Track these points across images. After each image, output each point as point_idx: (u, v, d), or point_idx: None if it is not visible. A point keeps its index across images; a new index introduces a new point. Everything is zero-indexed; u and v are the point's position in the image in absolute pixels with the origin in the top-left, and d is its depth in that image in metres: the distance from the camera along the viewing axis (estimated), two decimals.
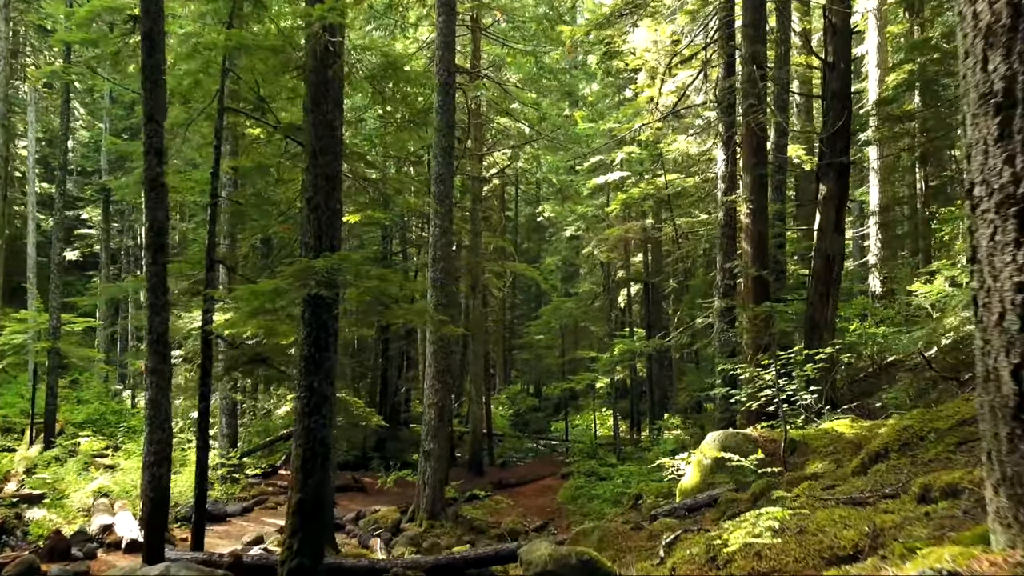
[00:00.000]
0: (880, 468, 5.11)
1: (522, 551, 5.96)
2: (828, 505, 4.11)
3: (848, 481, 5.08)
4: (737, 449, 8.33)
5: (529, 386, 39.25)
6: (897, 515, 3.29)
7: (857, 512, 3.65)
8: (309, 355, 6.81)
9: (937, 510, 3.24)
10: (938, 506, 3.30)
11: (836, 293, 12.22)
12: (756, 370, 8.62)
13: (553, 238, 36.77)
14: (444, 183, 14.27)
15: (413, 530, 13.75)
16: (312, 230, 6.89)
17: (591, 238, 25.51)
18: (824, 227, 12.13)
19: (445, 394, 14.30)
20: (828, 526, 3.41)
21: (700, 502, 7.72)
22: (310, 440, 6.72)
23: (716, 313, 12.81)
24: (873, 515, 3.42)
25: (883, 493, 4.17)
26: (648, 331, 24.74)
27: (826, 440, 8.10)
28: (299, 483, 6.67)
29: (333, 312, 6.88)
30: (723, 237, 13.25)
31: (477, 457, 21.25)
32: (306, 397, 6.78)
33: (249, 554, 9.84)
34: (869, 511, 3.66)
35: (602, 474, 18.67)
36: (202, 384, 8.94)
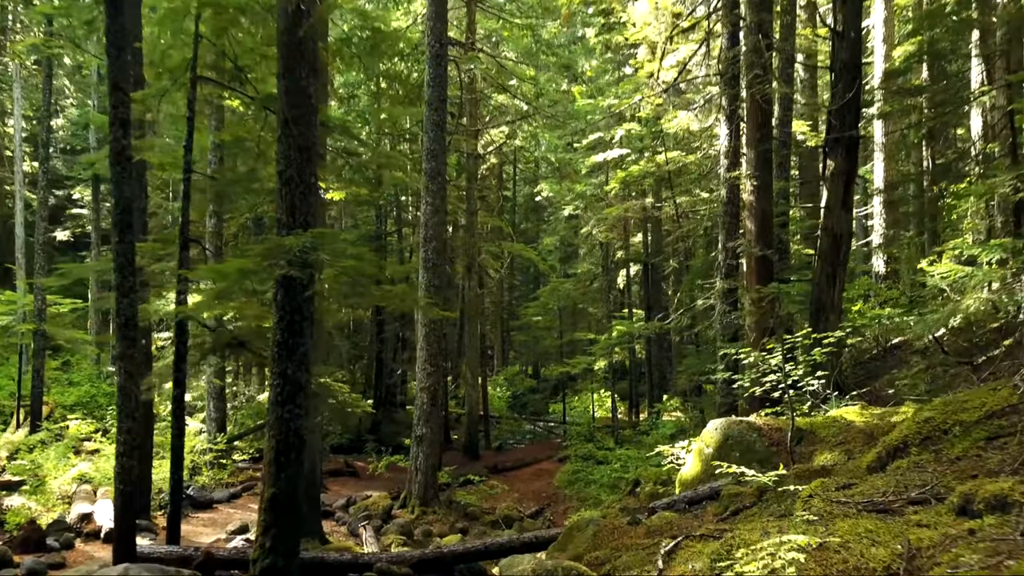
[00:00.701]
0: (901, 465, 4.65)
1: (503, 564, 5.53)
2: (847, 511, 3.65)
3: (865, 480, 4.63)
4: (740, 437, 7.90)
5: (527, 367, 38.88)
6: (934, 531, 2.84)
7: (884, 523, 3.20)
8: (282, 340, 6.34)
9: (983, 527, 2.79)
10: (983, 521, 2.85)
11: (843, 274, 11.73)
12: (761, 354, 8.16)
13: (551, 218, 36.23)
14: (436, 159, 13.74)
15: (405, 517, 13.38)
16: (285, 206, 6.39)
17: (590, 218, 24.97)
18: (831, 204, 11.61)
19: (438, 378, 13.87)
20: (852, 541, 2.96)
21: (701, 494, 7.29)
22: (284, 431, 6.27)
23: (718, 294, 12.34)
24: (905, 529, 2.98)
25: (909, 498, 3.71)
26: (647, 312, 24.30)
27: (835, 429, 7.66)
28: (272, 476, 6.22)
29: (308, 294, 6.39)
30: (725, 215, 12.74)
31: (473, 440, 20.89)
32: (279, 385, 6.32)
33: (228, 546, 9.45)
34: (898, 522, 3.20)
35: (599, 457, 18.30)
36: (176, 369, 8.48)
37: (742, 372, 9.92)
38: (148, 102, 9.39)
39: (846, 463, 6.32)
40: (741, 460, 7.64)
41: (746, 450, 7.72)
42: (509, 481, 18.12)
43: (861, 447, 6.88)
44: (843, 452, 6.87)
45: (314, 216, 6.53)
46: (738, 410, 12.12)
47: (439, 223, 13.81)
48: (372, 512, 13.08)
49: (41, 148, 19.27)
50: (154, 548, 7.91)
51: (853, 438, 7.20)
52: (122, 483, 7.58)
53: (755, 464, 7.54)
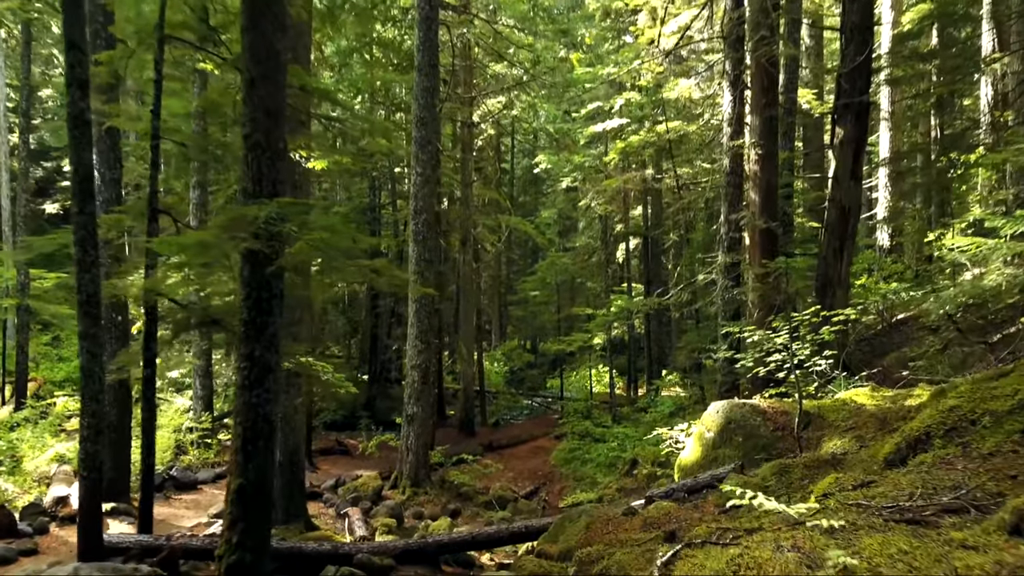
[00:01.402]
0: (924, 460, 4.18)
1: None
2: (872, 520, 3.18)
3: (884, 476, 4.16)
4: (743, 421, 7.45)
5: (526, 342, 38.47)
6: (984, 555, 2.38)
7: (919, 540, 2.72)
8: (249, 320, 5.84)
9: None
10: None
11: (851, 247, 11.22)
12: (766, 333, 7.67)
13: (550, 191, 35.60)
14: (427, 127, 13.15)
15: (395, 498, 13.01)
16: (251, 173, 5.85)
17: (588, 190, 24.36)
18: (839, 174, 11.07)
19: (429, 355, 13.42)
20: (884, 564, 2.50)
21: (702, 482, 6.85)
22: (252, 417, 5.80)
23: (719, 269, 11.83)
24: (947, 551, 2.51)
25: (942, 504, 3.24)
26: (647, 287, 23.81)
27: (844, 413, 7.19)
28: (239, 466, 5.76)
29: (277, 270, 5.89)
30: (728, 186, 12.18)
31: (468, 417, 20.51)
32: (247, 368, 5.83)
33: (207, 532, 9.04)
34: (936, 539, 2.73)
35: (597, 435, 17.92)
36: (146, 348, 8.00)
37: (744, 351, 9.46)
38: (116, 63, 8.81)
39: (858, 452, 5.86)
40: (744, 446, 7.20)
41: (749, 435, 7.28)
42: (504, 459, 17.75)
43: (873, 433, 6.42)
44: (854, 439, 6.41)
45: (283, 184, 6.00)
46: (739, 389, 11.68)
47: (430, 194, 13.26)
48: (361, 493, 12.70)
49: (21, 118, 18.63)
50: (123, 537, 7.49)
51: (864, 423, 6.73)
52: (87, 470, 7.14)
53: (759, 450, 7.10)
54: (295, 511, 10.28)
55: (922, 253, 22.16)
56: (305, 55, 11.32)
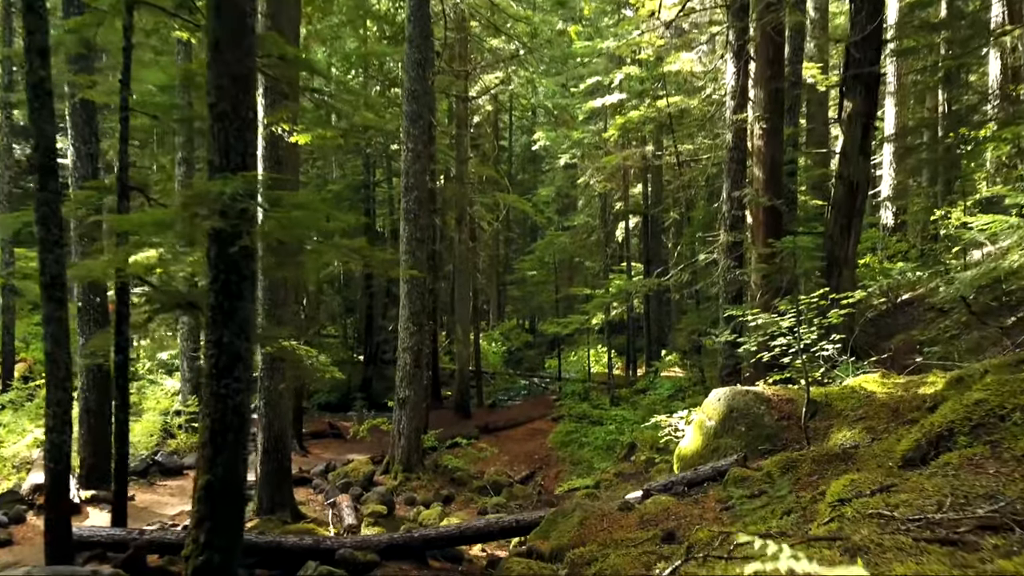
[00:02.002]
0: (950, 461, 3.79)
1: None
2: (898, 537, 2.79)
3: (906, 479, 3.76)
4: (746, 410, 7.06)
5: (524, 321, 38.10)
6: None
7: (960, 570, 2.33)
8: (217, 304, 5.42)
9: None
10: None
11: (859, 225, 10.78)
12: (771, 316, 7.26)
13: (548, 168, 35.05)
14: (418, 100, 12.65)
15: (387, 483, 12.67)
16: (217, 145, 5.40)
17: (587, 167, 23.83)
18: (848, 149, 10.60)
19: (421, 337, 13.02)
20: None
21: (703, 475, 6.47)
22: (220, 408, 5.40)
23: (721, 248, 11.40)
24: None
25: (977, 518, 2.84)
26: (647, 266, 23.37)
27: (853, 401, 6.80)
28: (207, 461, 5.37)
29: (247, 250, 5.46)
30: (731, 162, 11.71)
31: (464, 399, 20.18)
32: (214, 356, 5.42)
33: (185, 524, 8.68)
34: (980, 567, 2.33)
35: (595, 417, 17.59)
36: (118, 333, 7.60)
37: (747, 334, 9.06)
38: (85, 31, 8.32)
39: (871, 446, 5.47)
40: (747, 436, 6.82)
41: (752, 424, 6.90)
42: (501, 442, 17.43)
43: (886, 424, 6.04)
44: (865, 429, 6.02)
45: (252, 158, 5.55)
46: (741, 373, 11.31)
47: (421, 171, 12.78)
48: (352, 479, 12.36)
49: (3, 91, 18.06)
50: (96, 531, 7.14)
51: (875, 413, 6.35)
52: (53, 461, 6.76)
53: (763, 440, 6.73)
54: (281, 499, 9.95)
55: (927, 232, 21.71)
56: (290, 27, 10.81)
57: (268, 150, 9.68)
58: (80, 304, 10.76)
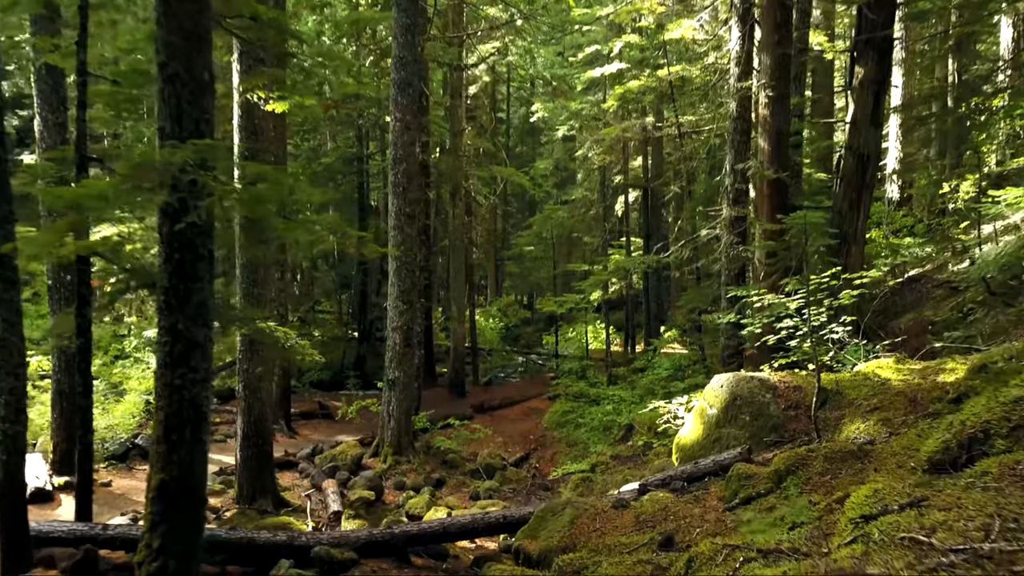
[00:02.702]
0: (989, 470, 3.31)
1: None
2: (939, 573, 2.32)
3: (938, 490, 3.28)
4: (751, 398, 6.59)
5: (522, 297, 37.62)
6: None
7: None
8: (170, 286, 4.91)
9: None
10: None
11: (869, 199, 10.27)
12: (778, 297, 6.77)
13: (547, 141, 34.34)
14: (406, 68, 12.03)
15: (376, 467, 12.26)
16: (168, 110, 4.85)
17: (586, 139, 23.20)
18: (858, 119, 10.04)
19: (412, 315, 12.53)
20: None
21: (703, 469, 6.01)
22: (175, 400, 4.92)
23: (724, 223, 10.86)
24: None
25: None
26: (646, 241, 22.82)
27: (867, 389, 6.33)
28: (161, 458, 4.90)
29: (203, 227, 4.94)
30: (735, 133, 11.12)
31: (459, 377, 19.74)
32: (168, 343, 4.93)
33: None
34: None
35: (592, 396, 17.17)
36: (79, 314, 7.11)
37: (751, 315, 8.57)
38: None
39: (888, 442, 4.99)
40: (751, 426, 6.36)
41: (757, 414, 6.43)
42: (495, 422, 17.03)
43: (903, 415, 5.56)
44: (880, 422, 5.55)
45: (208, 125, 5.00)
46: (743, 354, 10.84)
47: (410, 142, 12.20)
48: (340, 463, 11.95)
49: None
50: (54, 526, 6.70)
51: (891, 402, 5.87)
52: (6, 453, 6.31)
53: (768, 431, 6.26)
54: (262, 486, 9.53)
55: (935, 206, 21.14)
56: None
57: (244, 119, 9.12)
58: (50, 282, 10.26)
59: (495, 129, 29.07)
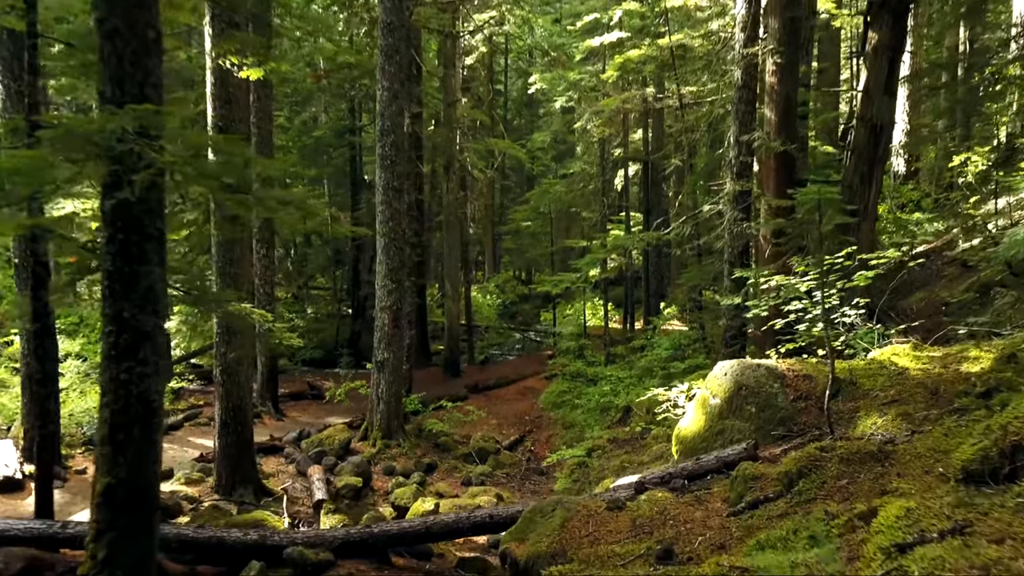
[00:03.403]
0: None
1: None
2: None
3: (981, 513, 2.82)
4: (757, 387, 6.11)
5: (520, 272, 37.11)
6: None
7: None
8: (115, 270, 4.41)
9: None
10: None
11: (881, 173, 9.73)
12: (787, 278, 6.27)
13: (545, 113, 33.60)
14: (394, 34, 11.41)
15: (365, 451, 11.85)
16: (108, 72, 4.32)
17: (584, 111, 22.51)
18: (871, 87, 9.46)
19: (400, 295, 12.04)
20: None
21: (706, 466, 5.56)
22: (122, 396, 4.44)
23: (728, 198, 10.32)
24: None
25: None
26: (646, 216, 22.26)
27: (883, 378, 5.85)
28: (107, 460, 4.44)
29: (151, 204, 4.43)
30: (739, 102, 10.53)
31: (453, 357, 19.31)
32: (113, 333, 4.44)
33: None
34: None
35: (589, 375, 16.75)
36: (34, 298, 6.63)
37: (756, 296, 8.07)
38: None
39: (911, 441, 4.52)
40: (757, 418, 5.89)
41: (764, 405, 5.95)
42: (490, 402, 16.62)
43: (924, 409, 5.09)
44: (899, 416, 5.08)
45: (155, 89, 4.46)
46: (746, 335, 10.37)
47: (398, 112, 11.61)
48: (327, 447, 11.53)
49: None
50: (10, 524, 6.25)
51: (910, 394, 5.40)
52: None
53: (776, 424, 5.79)
54: (242, 475, 9.11)
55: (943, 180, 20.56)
56: None
57: (217, 88, 8.54)
58: (16, 260, 9.75)
59: (492, 101, 28.37)
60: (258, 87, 13.59)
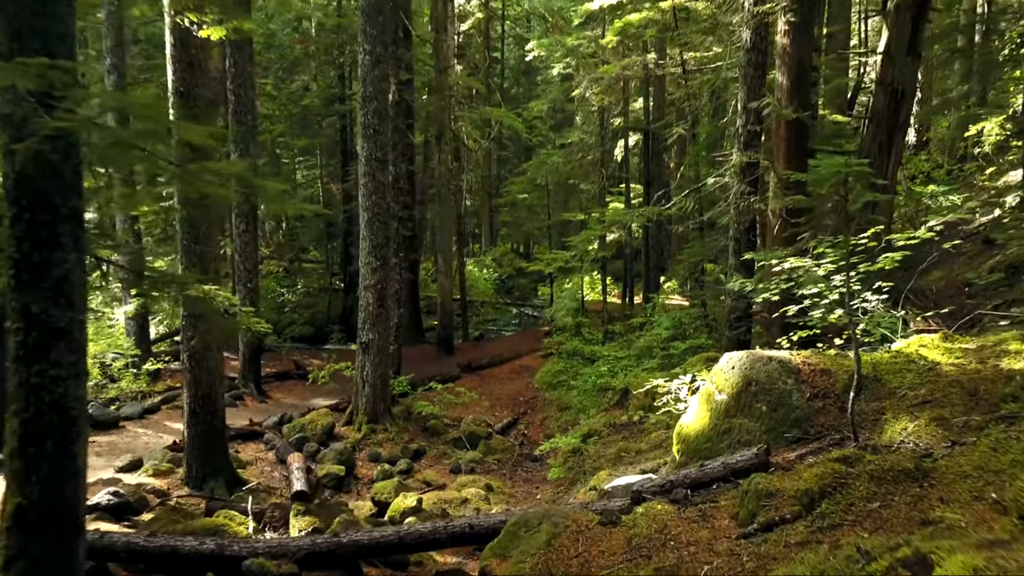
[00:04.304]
0: None
1: None
2: None
3: None
4: (769, 383, 5.48)
5: (518, 245, 36.40)
6: None
7: None
8: (20, 256, 3.76)
9: None
10: None
11: (902, 142, 9.02)
12: (803, 260, 5.61)
13: (543, 82, 32.63)
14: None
15: (350, 437, 11.28)
16: (6, 21, 3.62)
17: (583, 78, 21.63)
18: (893, 48, 8.72)
19: (385, 273, 11.38)
20: None
21: (711, 473, 4.94)
22: (33, 404, 3.82)
23: (734, 171, 9.60)
24: None
25: None
26: (646, 188, 21.49)
27: (911, 375, 5.22)
28: (19, 478, 3.83)
29: (66, 179, 3.76)
30: (748, 66, 9.75)
31: (446, 334, 18.71)
32: (21, 331, 3.80)
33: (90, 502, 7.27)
34: None
35: (587, 353, 16.17)
36: None
37: (766, 279, 7.41)
38: None
39: (952, 454, 3.89)
40: (769, 418, 5.27)
41: (777, 403, 5.33)
42: (483, 382, 16.06)
43: (963, 413, 4.46)
44: (934, 421, 4.45)
45: (66, 44, 3.76)
46: (752, 317, 9.73)
47: (382, 77, 10.84)
48: (309, 433, 10.96)
49: None
50: None
51: (945, 395, 4.77)
52: None
53: (790, 425, 5.17)
54: (213, 467, 8.53)
55: (955, 150, 19.79)
56: None
57: (177, 49, 7.78)
58: None
59: (489, 69, 27.46)
60: (234, 51, 12.82)
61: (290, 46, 21.29)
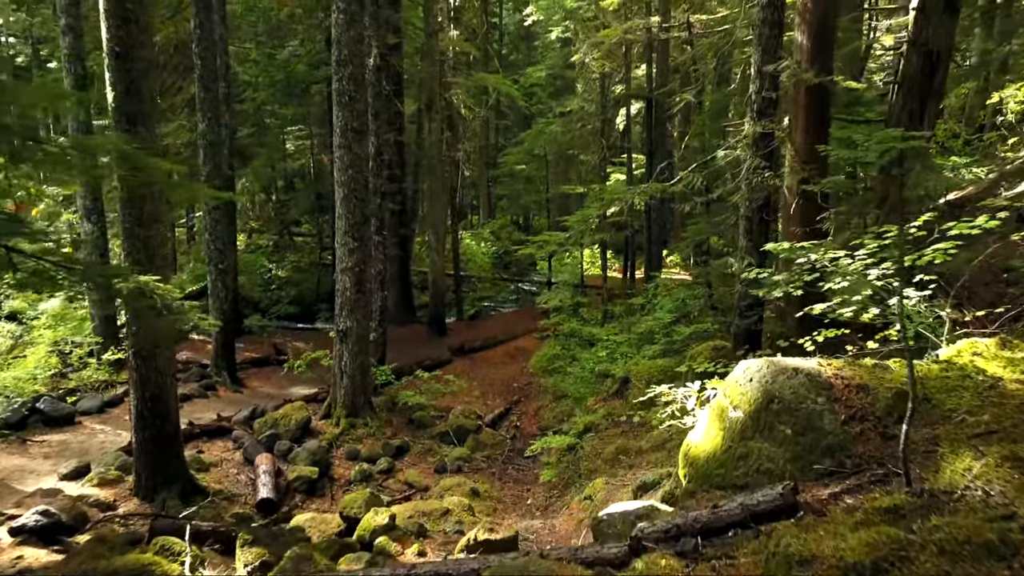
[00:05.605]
0: None
1: None
2: None
3: None
4: (794, 401, 4.58)
5: (518, 217, 35.34)
6: None
7: None
8: None
9: None
10: None
11: (935, 111, 8.03)
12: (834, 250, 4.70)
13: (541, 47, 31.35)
14: None
15: (328, 432, 10.45)
16: None
17: (583, 42, 20.45)
18: (928, 4, 7.68)
19: (365, 254, 10.45)
20: None
21: (727, 516, 4.06)
22: None
23: (746, 142, 8.61)
24: None
25: None
26: (649, 159, 20.41)
27: (968, 393, 4.32)
28: None
29: None
30: (764, 25, 8.70)
31: (438, 313, 17.82)
32: None
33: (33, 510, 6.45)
34: None
35: (585, 335, 15.28)
36: None
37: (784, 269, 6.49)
38: None
39: None
40: (795, 444, 4.39)
41: (805, 426, 4.43)
42: (476, 367, 15.21)
43: None
44: (1007, 461, 3.54)
45: None
46: (764, 307, 8.81)
47: (357, 39, 9.81)
48: (281, 429, 10.12)
49: None
50: None
51: (1012, 420, 3.87)
52: None
53: (821, 454, 4.29)
54: (166, 475, 7.69)
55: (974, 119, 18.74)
56: None
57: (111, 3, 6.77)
58: None
59: (487, 34, 26.21)
60: (200, 10, 11.76)
61: (273, 9, 20.11)
